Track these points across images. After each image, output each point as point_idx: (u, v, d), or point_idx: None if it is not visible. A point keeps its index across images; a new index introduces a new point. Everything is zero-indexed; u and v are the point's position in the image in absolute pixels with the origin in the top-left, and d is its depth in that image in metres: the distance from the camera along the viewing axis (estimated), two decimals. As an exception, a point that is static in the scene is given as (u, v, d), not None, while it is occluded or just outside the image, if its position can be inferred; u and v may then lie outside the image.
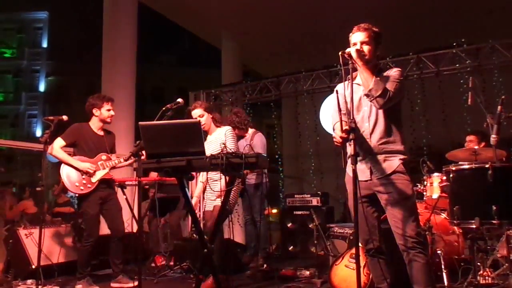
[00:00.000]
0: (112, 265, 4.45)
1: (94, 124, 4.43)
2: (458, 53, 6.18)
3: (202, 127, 3.82)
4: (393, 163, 2.71)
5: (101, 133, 4.46)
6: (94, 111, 4.40)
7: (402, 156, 2.74)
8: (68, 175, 4.22)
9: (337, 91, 2.78)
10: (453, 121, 6.44)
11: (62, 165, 4.24)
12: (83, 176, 4.22)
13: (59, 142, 4.23)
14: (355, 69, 2.70)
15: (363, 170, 2.75)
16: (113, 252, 4.42)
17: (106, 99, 4.44)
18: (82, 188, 4.22)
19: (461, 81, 5.78)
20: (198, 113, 4.18)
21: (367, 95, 2.68)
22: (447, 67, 6.32)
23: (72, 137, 4.31)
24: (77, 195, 4.40)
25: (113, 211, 4.38)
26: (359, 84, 2.79)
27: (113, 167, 4.38)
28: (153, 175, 5.63)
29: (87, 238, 4.26)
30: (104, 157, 4.36)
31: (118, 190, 4.76)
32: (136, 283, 4.28)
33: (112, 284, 4.34)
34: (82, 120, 4.49)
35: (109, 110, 4.41)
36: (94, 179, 4.24)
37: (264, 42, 10.10)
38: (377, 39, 2.79)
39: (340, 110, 2.68)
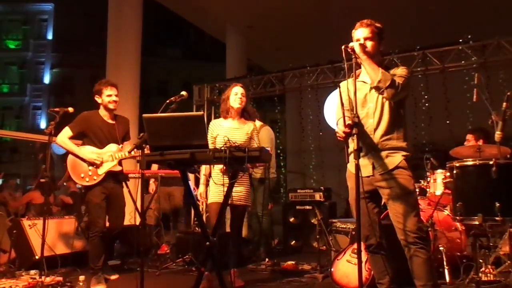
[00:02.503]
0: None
1: (102, 112, 4.18)
2: (464, 49, 6.13)
3: (239, 104, 3.87)
4: (395, 159, 2.71)
5: (112, 121, 4.20)
6: (96, 98, 4.16)
7: (404, 153, 2.73)
8: (73, 165, 4.03)
9: (340, 86, 2.78)
10: (457, 118, 6.42)
11: (69, 154, 4.05)
12: (90, 168, 4.02)
13: (66, 132, 4.04)
14: (358, 66, 2.69)
15: (366, 166, 2.75)
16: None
17: (106, 84, 4.19)
18: (87, 179, 4.02)
19: (466, 78, 5.74)
20: (241, 91, 3.92)
21: (376, 88, 2.66)
22: (453, 63, 6.28)
23: (79, 126, 4.09)
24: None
25: (116, 205, 4.18)
26: (364, 82, 2.78)
27: (122, 159, 4.11)
28: (154, 167, 5.64)
29: (93, 229, 4.04)
30: (114, 148, 4.12)
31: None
32: (115, 276, 4.30)
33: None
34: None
35: (109, 95, 4.12)
36: (101, 170, 4.03)
37: (269, 37, 10.08)
38: (380, 35, 2.78)
39: (343, 105, 2.67)
